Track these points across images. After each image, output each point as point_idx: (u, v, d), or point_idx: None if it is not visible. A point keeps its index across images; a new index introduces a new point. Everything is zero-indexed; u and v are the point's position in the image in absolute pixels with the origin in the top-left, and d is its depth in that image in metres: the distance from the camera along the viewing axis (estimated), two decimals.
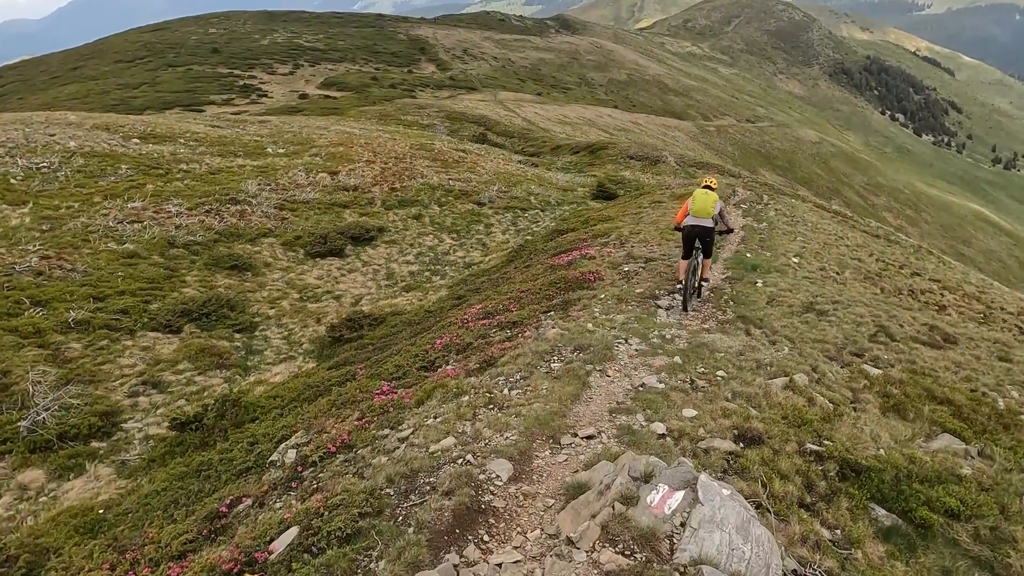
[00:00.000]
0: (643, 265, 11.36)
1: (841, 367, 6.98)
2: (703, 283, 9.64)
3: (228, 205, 15.19)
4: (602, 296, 9.43)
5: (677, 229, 9.70)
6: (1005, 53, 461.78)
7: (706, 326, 8.31)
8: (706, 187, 9.73)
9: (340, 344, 10.47)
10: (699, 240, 9.33)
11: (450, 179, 20.19)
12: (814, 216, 20.01)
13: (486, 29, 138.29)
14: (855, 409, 5.89)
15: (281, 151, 21.45)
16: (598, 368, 6.46)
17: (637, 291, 9.66)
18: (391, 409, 6.08)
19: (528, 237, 16.68)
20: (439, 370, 7.16)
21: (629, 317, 8.37)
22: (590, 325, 7.91)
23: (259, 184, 16.93)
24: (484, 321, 8.53)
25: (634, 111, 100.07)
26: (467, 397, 5.98)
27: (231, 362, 10.04)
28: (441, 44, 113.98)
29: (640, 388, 6.04)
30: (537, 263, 12.38)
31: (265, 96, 70.88)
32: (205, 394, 8.99)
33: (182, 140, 21.26)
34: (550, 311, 8.82)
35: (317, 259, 14.34)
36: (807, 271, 11.96)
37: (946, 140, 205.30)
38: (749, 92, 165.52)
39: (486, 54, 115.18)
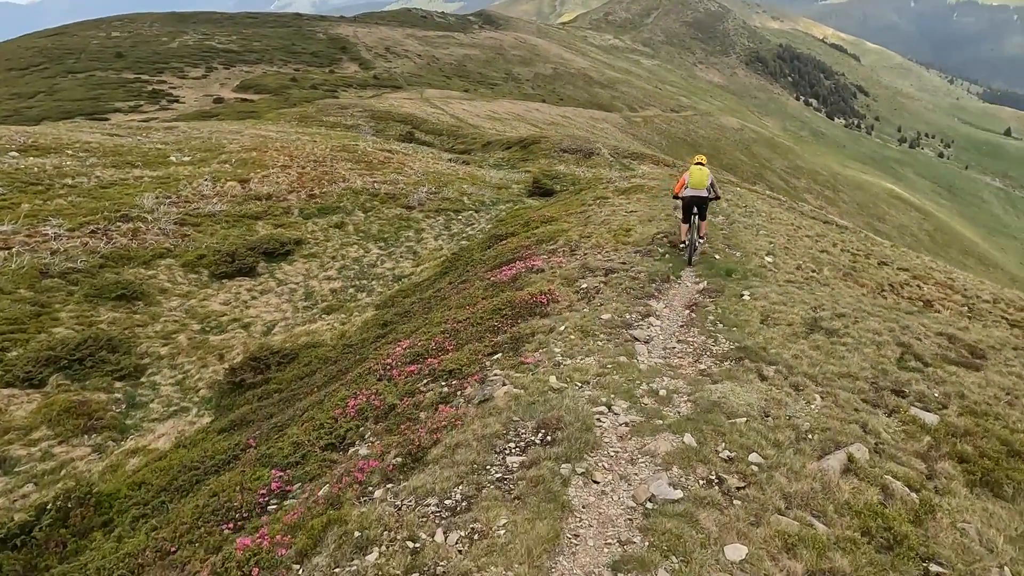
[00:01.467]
0: (603, 279, 9.84)
1: (888, 415, 5.71)
2: (701, 239, 11.96)
3: (119, 223, 13.30)
4: (561, 328, 7.59)
5: (676, 198, 11.99)
6: (905, 39, 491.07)
7: (702, 365, 6.71)
8: (698, 163, 11.91)
9: (242, 391, 8.97)
10: (696, 207, 11.55)
11: (375, 182, 18.79)
12: (764, 205, 19.69)
13: (408, 26, 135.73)
14: (937, 491, 4.61)
15: (186, 159, 19.51)
16: (578, 469, 4.51)
17: (603, 317, 7.99)
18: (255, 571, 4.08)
19: (464, 242, 15.60)
20: (349, 452, 5.52)
21: (603, 361, 6.55)
22: (553, 379, 5.99)
23: (157, 197, 15.06)
24: (412, 367, 6.80)
25: (562, 104, 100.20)
26: (376, 553, 3.87)
27: (105, 422, 8.24)
28: (363, 43, 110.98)
29: (649, 506, 4.17)
30: (475, 278, 11.11)
31: (177, 101, 66.87)
32: (63, 473, 7.29)
33: (70, 151, 19.00)
34: (496, 352, 7.06)
35: (224, 281, 12.65)
36: (787, 272, 11.04)
37: (856, 122, 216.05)
38: (672, 82, 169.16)
39: (410, 52, 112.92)
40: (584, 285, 9.55)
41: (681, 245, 11.87)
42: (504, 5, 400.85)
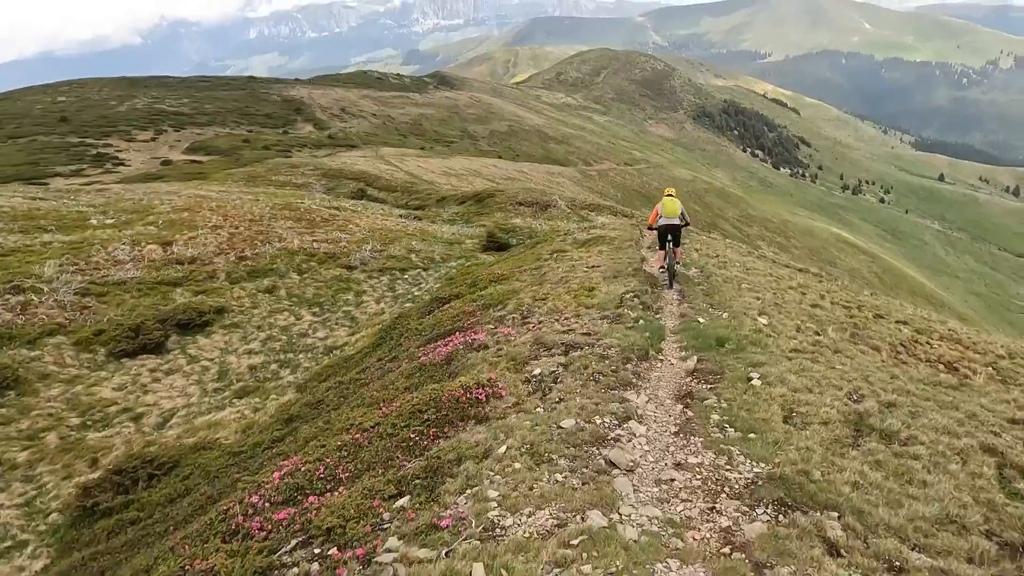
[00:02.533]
0: (562, 359, 7.57)
1: None
2: (677, 264, 12.92)
3: (7, 296, 11.65)
4: (502, 450, 5.18)
5: (652, 229, 13.05)
6: (839, 93, 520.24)
7: (724, 519, 4.29)
8: (668, 195, 12.93)
9: (95, 520, 7.19)
10: (671, 235, 12.45)
11: (315, 241, 17.51)
12: (734, 253, 19.02)
13: (364, 87, 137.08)
14: None
15: (109, 221, 17.94)
16: None
17: (564, 425, 5.59)
18: None
19: (409, 304, 14.34)
20: None
21: (564, 521, 4.15)
22: (478, 572, 3.62)
23: (61, 265, 13.43)
24: (284, 514, 4.69)
25: (518, 160, 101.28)
26: None
27: None
28: (318, 103, 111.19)
29: None
30: (404, 356, 9.44)
31: (122, 164, 64.90)
32: None
33: None
34: (401, 493, 4.79)
35: (124, 360, 11.00)
36: (788, 338, 9.30)
37: (801, 172, 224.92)
38: (624, 137, 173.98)
39: (365, 112, 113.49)
40: (537, 370, 7.24)
41: (660, 270, 13.22)
42: (458, 67, 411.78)
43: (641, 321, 9.49)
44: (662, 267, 12.85)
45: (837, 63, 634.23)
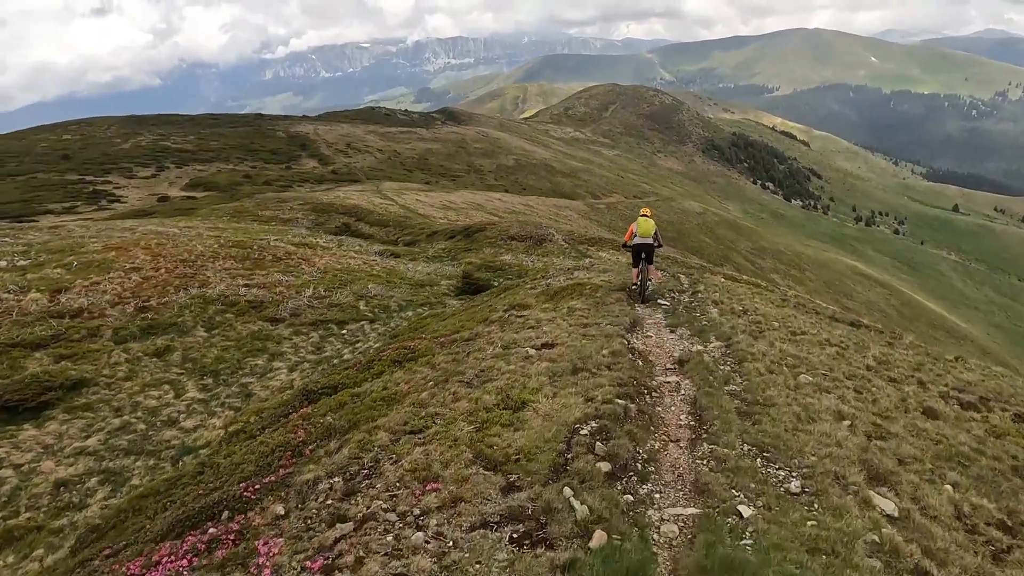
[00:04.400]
0: None
1: None
2: (649, 282, 13.63)
3: None
4: None
5: (626, 247, 13.74)
6: (848, 125, 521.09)
7: None
8: (643, 215, 13.68)
9: None
10: (644, 253, 13.20)
11: (247, 286, 15.35)
12: (766, 302, 15.62)
13: (371, 123, 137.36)
14: None
15: (22, 263, 15.80)
16: None
17: None
18: None
19: (334, 369, 11.56)
20: None
21: None
22: None
23: None
24: None
25: (525, 194, 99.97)
26: None
27: None
28: (323, 139, 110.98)
29: None
30: (129, 552, 5.60)
31: (117, 201, 63.93)
32: None
33: None
34: None
35: None
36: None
37: (813, 203, 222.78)
38: (633, 171, 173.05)
39: (371, 147, 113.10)
40: None
41: (632, 286, 13.82)
42: (469, 104, 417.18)
43: (595, 541, 4.39)
44: (634, 284, 13.66)
45: (844, 96, 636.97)
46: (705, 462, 5.74)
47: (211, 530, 5.24)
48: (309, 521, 5.04)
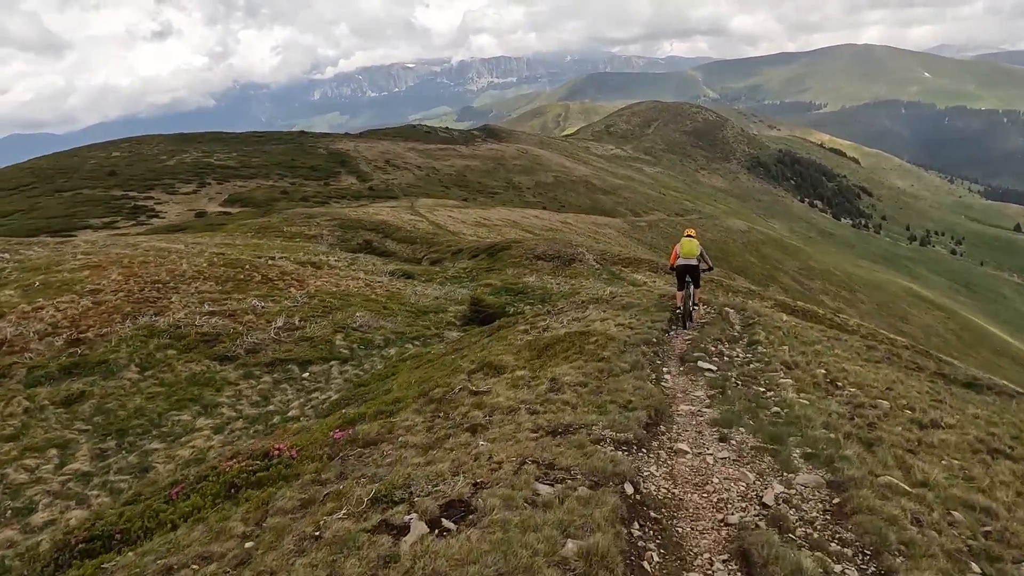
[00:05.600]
0: None
1: None
2: (695, 306, 12.66)
3: None
4: None
5: (671, 269, 12.94)
6: (900, 142, 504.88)
7: None
8: (688, 236, 12.88)
9: None
10: (689, 275, 12.53)
11: (210, 313, 13.93)
12: (844, 352, 11.86)
13: (411, 140, 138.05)
14: None
15: None
16: None
17: None
18: None
19: (267, 429, 9.70)
20: None
21: None
22: None
23: None
24: None
25: (563, 211, 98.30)
26: None
27: None
28: (363, 156, 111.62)
29: None
30: None
31: (156, 216, 64.68)
32: None
33: None
34: None
35: None
36: None
37: (863, 222, 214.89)
38: (675, 188, 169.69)
39: (410, 164, 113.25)
40: None
41: (676, 311, 12.70)
42: (510, 122, 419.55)
43: None
44: (678, 308, 12.66)
45: (896, 113, 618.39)
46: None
47: None
48: None
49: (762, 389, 8.46)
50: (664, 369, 9.35)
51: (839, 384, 9.13)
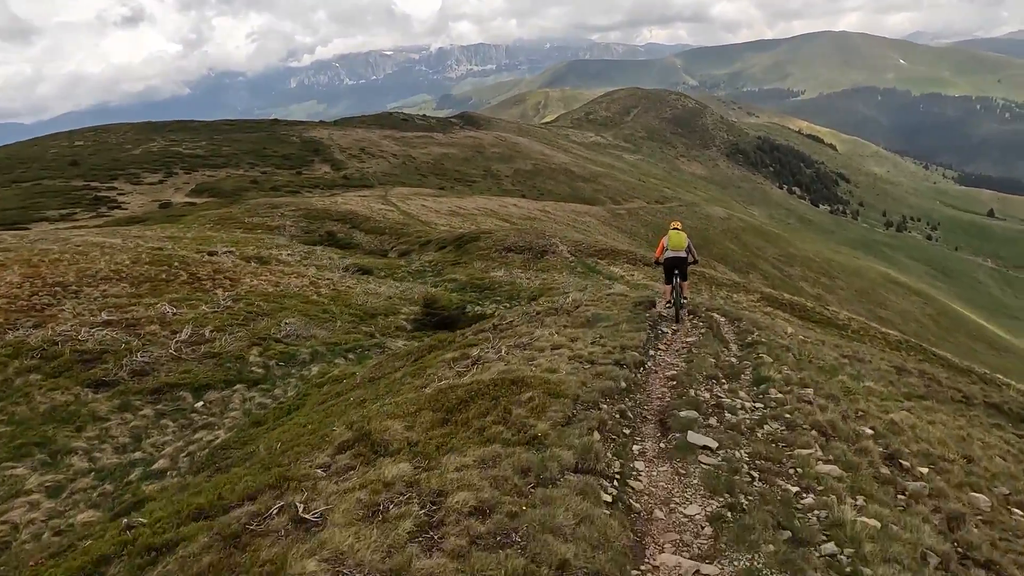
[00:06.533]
0: None
1: None
2: (684, 299, 11.96)
3: None
4: None
5: (657, 263, 12.44)
6: (876, 129, 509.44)
7: None
8: (675, 228, 12.36)
9: None
10: (677, 268, 11.92)
11: (105, 322, 11.94)
12: (877, 385, 10.01)
13: (387, 128, 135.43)
14: None
15: None
16: None
17: None
18: None
19: (128, 487, 7.80)
20: None
21: None
22: None
23: None
24: None
25: (542, 199, 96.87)
26: None
27: None
28: (337, 144, 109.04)
29: None
30: None
31: (118, 207, 62.12)
32: None
33: None
34: None
35: None
36: None
37: (841, 208, 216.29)
38: (655, 175, 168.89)
39: (385, 152, 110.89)
40: None
41: (666, 305, 12.17)
42: (490, 109, 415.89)
43: None
44: (668, 302, 12.13)
45: (872, 99, 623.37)
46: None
47: None
48: None
49: (794, 489, 5.53)
50: (635, 449, 6.23)
51: (903, 463, 6.49)
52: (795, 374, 8.73)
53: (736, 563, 4.32)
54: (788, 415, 7.16)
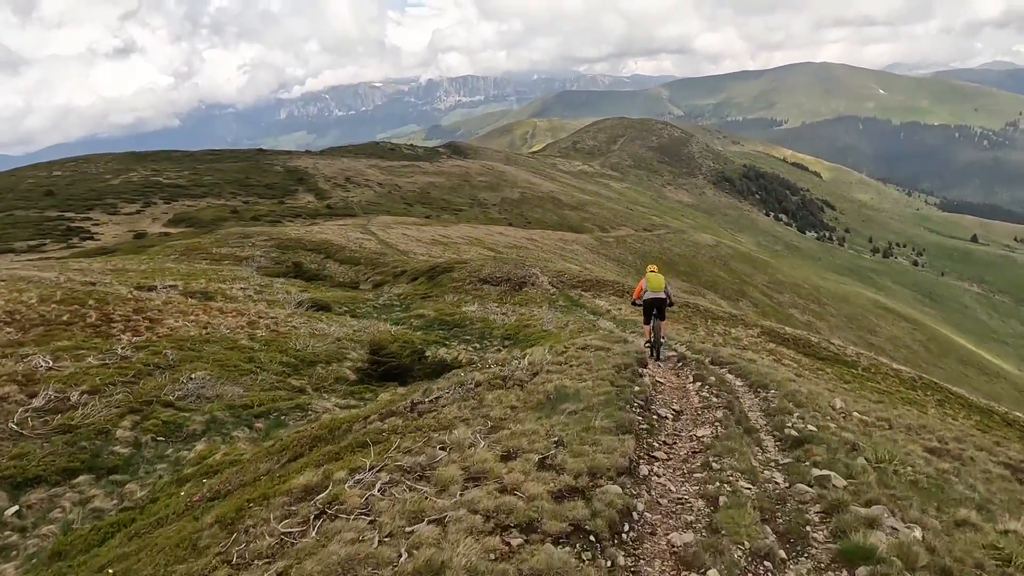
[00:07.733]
0: None
1: None
2: (662, 339, 12.48)
3: None
4: None
5: (635, 304, 13.03)
6: (859, 157, 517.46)
7: None
8: (652, 271, 12.97)
9: None
10: (656, 308, 12.42)
11: None
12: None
13: (373, 157, 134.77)
14: None
15: None
16: None
17: None
18: None
19: None
20: None
21: None
22: None
23: None
24: None
25: (529, 228, 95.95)
26: None
27: None
28: (322, 173, 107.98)
29: None
30: None
31: (91, 238, 60.26)
32: None
33: None
34: None
35: None
36: None
37: (828, 235, 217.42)
38: (642, 203, 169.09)
39: (371, 181, 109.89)
40: None
41: (646, 344, 12.58)
42: (478, 139, 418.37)
43: None
44: (648, 341, 12.57)
45: (854, 128, 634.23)
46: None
47: None
48: None
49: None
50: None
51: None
52: (900, 519, 5.07)
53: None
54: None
